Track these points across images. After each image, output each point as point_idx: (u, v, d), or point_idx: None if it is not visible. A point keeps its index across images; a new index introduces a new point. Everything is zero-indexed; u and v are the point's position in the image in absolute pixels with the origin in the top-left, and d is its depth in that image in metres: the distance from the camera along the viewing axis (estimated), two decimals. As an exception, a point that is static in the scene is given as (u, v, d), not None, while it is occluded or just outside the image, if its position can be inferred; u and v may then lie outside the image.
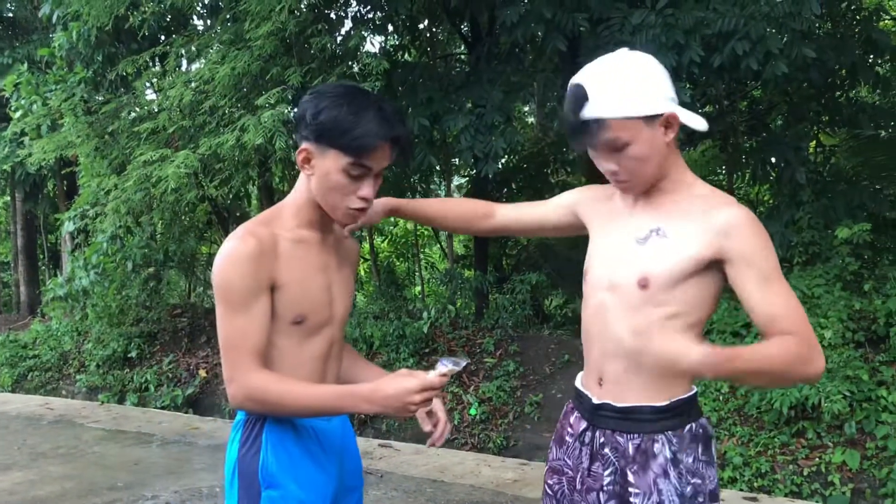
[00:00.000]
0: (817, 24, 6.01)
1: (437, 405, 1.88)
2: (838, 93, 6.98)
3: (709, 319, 1.75)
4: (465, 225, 2.12)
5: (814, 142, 7.49)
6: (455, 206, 2.16)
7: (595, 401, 1.77)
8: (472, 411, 6.29)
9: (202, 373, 8.11)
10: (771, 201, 7.91)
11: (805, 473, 4.69)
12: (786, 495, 4.65)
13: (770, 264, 1.63)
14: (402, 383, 1.60)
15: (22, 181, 12.05)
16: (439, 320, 7.61)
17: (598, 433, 1.76)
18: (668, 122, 1.66)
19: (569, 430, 1.86)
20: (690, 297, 1.65)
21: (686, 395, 1.71)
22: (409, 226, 11.92)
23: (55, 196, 13.41)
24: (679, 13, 5.37)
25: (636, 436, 1.69)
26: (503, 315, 7.31)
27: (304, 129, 1.71)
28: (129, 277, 8.65)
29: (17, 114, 9.38)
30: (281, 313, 1.71)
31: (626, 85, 1.63)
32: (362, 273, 11.35)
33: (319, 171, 1.70)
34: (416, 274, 10.82)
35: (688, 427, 1.70)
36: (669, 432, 1.68)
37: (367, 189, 1.72)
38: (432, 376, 1.61)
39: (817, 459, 4.72)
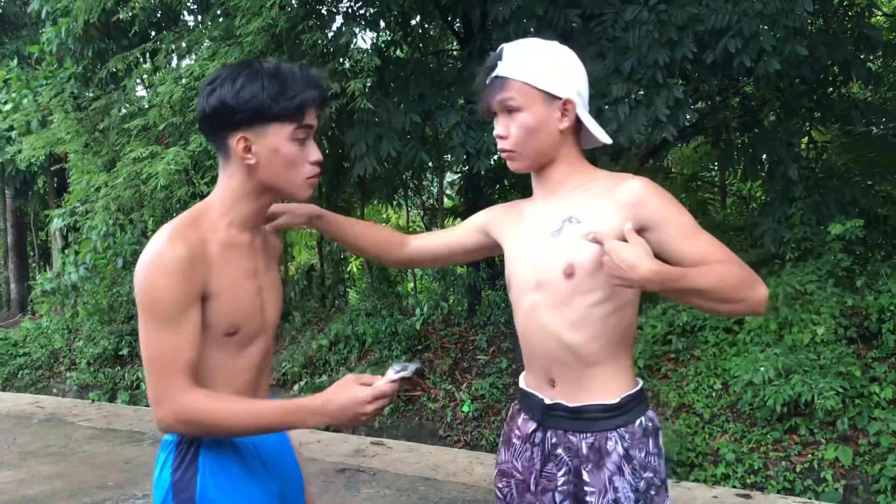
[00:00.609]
0: (810, 21, 6.00)
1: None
2: (830, 89, 6.98)
3: (636, 304, 1.74)
4: (378, 252, 2.05)
5: (806, 138, 7.50)
6: (373, 232, 2.06)
7: (547, 401, 1.75)
8: (465, 408, 6.28)
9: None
10: (763, 197, 7.92)
11: (798, 470, 4.70)
12: (778, 492, 4.66)
13: (688, 220, 1.65)
14: (353, 393, 1.53)
15: (12, 178, 11.98)
16: (432, 317, 7.60)
17: (549, 434, 1.75)
18: (566, 108, 1.70)
19: (516, 431, 1.84)
20: None
21: (635, 390, 1.72)
22: (402, 222, 11.89)
23: (45, 193, 13.36)
24: (672, 9, 5.36)
25: (589, 435, 1.69)
26: (496, 312, 7.30)
27: (229, 119, 1.58)
28: (120, 274, 8.61)
29: (7, 107, 9.32)
30: (213, 325, 1.59)
31: (539, 59, 1.70)
32: (354, 269, 11.32)
33: (265, 153, 1.60)
34: (409, 270, 10.78)
35: (638, 422, 1.70)
36: (622, 429, 1.69)
37: (315, 152, 1.65)
38: (383, 383, 1.55)
39: (810, 456, 4.73)
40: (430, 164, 8.18)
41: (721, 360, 5.50)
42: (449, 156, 7.88)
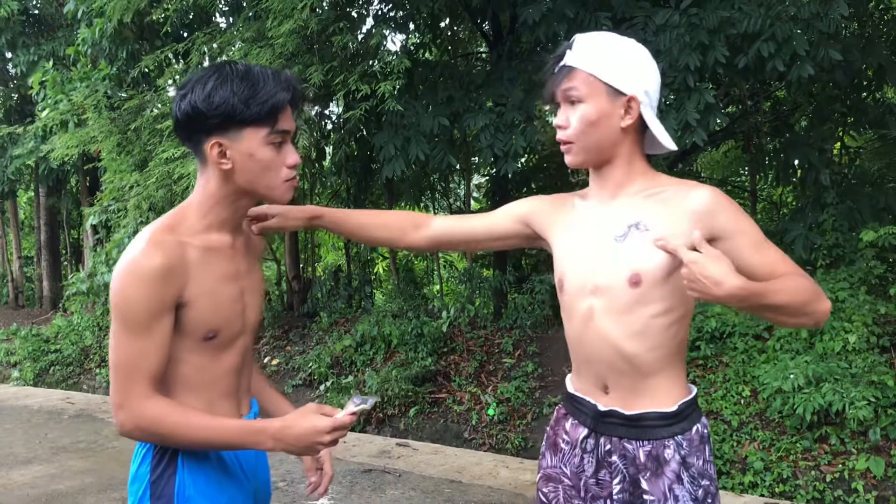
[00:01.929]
0: (844, 25, 5.93)
1: (326, 456, 1.85)
2: (864, 94, 6.89)
3: (692, 313, 1.72)
4: (393, 237, 1.97)
5: (838, 143, 7.40)
6: (384, 217, 1.99)
7: (601, 407, 1.71)
8: (491, 412, 6.27)
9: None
10: (794, 203, 7.83)
11: (828, 480, 4.63)
12: (808, 502, 4.60)
13: (758, 231, 1.63)
14: (312, 422, 1.51)
15: (45, 176, 12.17)
16: (458, 319, 7.61)
17: (602, 440, 1.71)
18: (630, 105, 1.65)
19: (564, 436, 1.80)
20: (678, 289, 1.60)
21: (690, 397, 1.70)
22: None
23: (78, 192, 13.55)
24: (703, 13, 5.32)
25: (646, 442, 1.66)
26: (522, 315, 7.29)
27: (202, 124, 1.54)
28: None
29: (45, 112, 9.49)
30: (191, 330, 1.57)
31: (609, 53, 1.66)
32: (381, 271, 11.37)
33: (240, 158, 1.56)
34: (435, 273, 10.81)
35: (695, 429, 1.68)
36: (679, 437, 1.66)
37: (292, 156, 1.61)
38: (342, 416, 1.53)
39: (840, 466, 4.66)
40: (457, 166, 8.19)
41: (750, 367, 5.45)
42: (477, 158, 7.90)
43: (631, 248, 1.64)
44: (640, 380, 1.66)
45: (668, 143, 1.71)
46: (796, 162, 6.81)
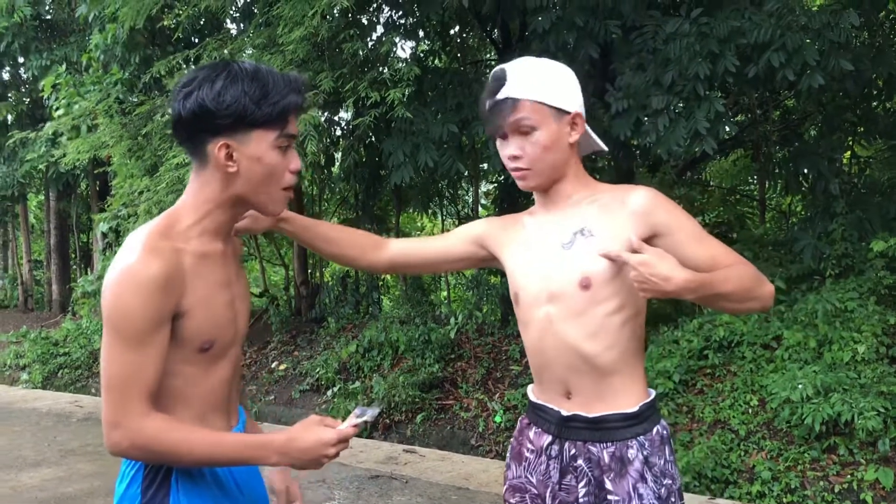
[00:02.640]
0: (854, 35, 5.93)
1: (295, 490, 1.82)
2: (875, 103, 6.88)
3: (644, 312, 1.77)
4: (349, 255, 1.96)
5: (848, 153, 7.39)
6: (350, 235, 1.98)
7: (564, 413, 1.74)
8: (498, 419, 6.27)
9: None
10: (803, 212, 7.82)
11: (836, 490, 4.61)
12: (816, 512, 4.58)
13: (696, 225, 1.70)
14: (318, 435, 1.46)
15: (55, 180, 12.24)
16: (465, 326, 7.61)
17: (567, 445, 1.74)
18: (575, 121, 1.73)
19: (528, 445, 1.82)
20: (627, 287, 1.65)
21: (650, 399, 1.75)
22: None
23: (88, 196, 13.62)
24: (714, 22, 5.32)
25: (610, 444, 1.70)
26: (530, 322, 7.29)
27: (209, 123, 1.47)
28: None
29: (59, 112, 9.55)
30: (187, 340, 1.49)
31: (544, 77, 1.72)
32: (388, 278, 11.39)
33: (246, 161, 1.49)
34: (442, 279, 10.83)
35: (655, 430, 1.72)
36: (641, 437, 1.70)
37: (296, 160, 1.55)
38: (346, 426, 1.50)
39: (849, 476, 4.64)
40: (466, 173, 8.21)
41: (758, 377, 5.43)
42: (485, 165, 7.91)
43: (578, 254, 1.70)
44: (601, 380, 1.71)
45: (601, 144, 1.82)
46: (805, 171, 6.80)
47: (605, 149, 1.80)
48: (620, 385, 1.71)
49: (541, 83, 1.71)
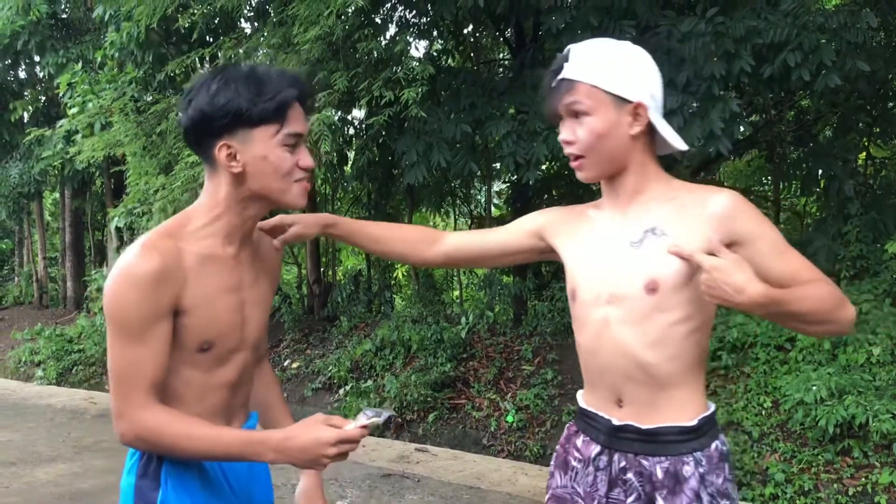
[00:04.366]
0: (871, 35, 5.90)
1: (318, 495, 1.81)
2: (890, 104, 6.84)
3: (712, 322, 1.66)
4: (406, 251, 1.92)
5: (863, 153, 7.34)
6: (398, 231, 1.95)
7: (615, 422, 1.65)
8: (510, 418, 6.27)
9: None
10: (818, 213, 7.78)
11: (850, 493, 4.59)
12: (829, 514, 4.56)
13: (780, 236, 1.58)
14: (316, 434, 1.45)
15: (70, 178, 12.31)
16: (477, 326, 7.61)
17: (616, 457, 1.64)
18: (637, 112, 1.60)
19: (575, 454, 1.73)
20: (696, 296, 1.54)
21: (710, 412, 1.65)
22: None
23: (103, 193, 13.70)
24: (729, 22, 5.31)
25: (664, 458, 1.59)
26: (542, 322, 7.28)
27: (208, 127, 1.50)
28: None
29: (73, 110, 9.61)
30: (185, 340, 1.52)
31: (609, 61, 1.60)
32: (401, 276, 11.40)
33: (252, 160, 1.51)
34: (455, 278, 10.83)
35: (714, 445, 1.62)
36: (698, 452, 1.59)
37: (306, 157, 1.56)
38: (351, 428, 1.47)
39: (864, 479, 4.62)
40: (479, 173, 8.21)
41: (772, 378, 5.41)
42: (498, 165, 7.90)
43: (647, 254, 1.60)
44: (658, 391, 1.61)
45: (679, 144, 1.65)
46: (820, 172, 6.77)
47: (682, 148, 1.65)
48: (679, 396, 1.61)
49: (602, 67, 1.59)
